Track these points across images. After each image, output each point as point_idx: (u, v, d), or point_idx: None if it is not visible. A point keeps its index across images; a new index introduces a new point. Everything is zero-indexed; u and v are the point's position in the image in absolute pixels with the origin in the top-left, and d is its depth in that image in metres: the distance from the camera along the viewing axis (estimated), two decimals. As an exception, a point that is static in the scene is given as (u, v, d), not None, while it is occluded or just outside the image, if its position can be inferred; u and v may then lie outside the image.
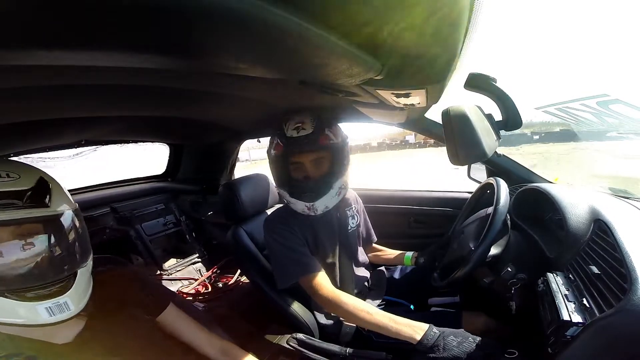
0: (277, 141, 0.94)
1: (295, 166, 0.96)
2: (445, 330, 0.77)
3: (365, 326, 0.84)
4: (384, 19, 0.36)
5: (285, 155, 0.94)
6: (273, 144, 0.96)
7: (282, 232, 0.96)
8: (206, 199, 2.12)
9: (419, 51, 0.46)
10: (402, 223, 1.58)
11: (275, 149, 0.94)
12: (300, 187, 0.95)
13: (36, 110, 0.80)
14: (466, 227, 0.96)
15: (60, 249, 0.54)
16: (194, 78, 0.67)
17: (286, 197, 0.98)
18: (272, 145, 0.96)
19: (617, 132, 1.65)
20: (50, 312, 0.51)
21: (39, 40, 0.27)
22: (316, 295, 0.91)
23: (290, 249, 0.95)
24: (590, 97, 1.39)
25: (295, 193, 0.95)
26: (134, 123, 1.31)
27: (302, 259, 0.94)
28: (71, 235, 0.56)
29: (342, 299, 0.87)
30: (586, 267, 0.65)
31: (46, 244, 0.52)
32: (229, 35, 0.32)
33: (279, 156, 0.95)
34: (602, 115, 1.36)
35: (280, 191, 1.00)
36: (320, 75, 0.58)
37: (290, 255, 0.94)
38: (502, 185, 0.85)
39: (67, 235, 0.56)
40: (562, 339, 0.58)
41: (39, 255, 0.51)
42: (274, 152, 0.95)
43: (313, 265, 0.93)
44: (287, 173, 0.97)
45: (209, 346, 0.75)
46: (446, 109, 0.74)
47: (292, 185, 0.96)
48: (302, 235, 0.99)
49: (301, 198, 0.95)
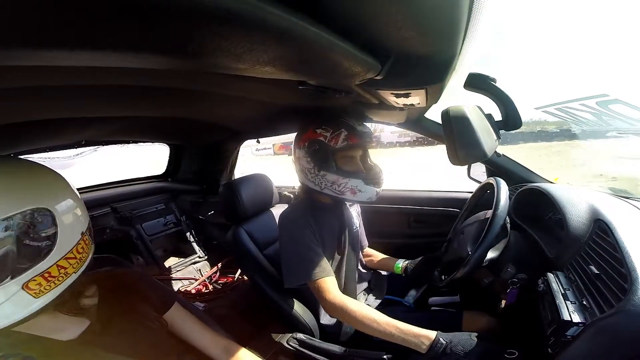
0: (349, 133, 0.97)
1: (358, 158, 1.02)
2: (452, 340, 0.75)
3: (372, 334, 0.84)
4: (384, 19, 0.36)
5: (358, 146, 1.00)
6: (341, 137, 0.97)
7: (300, 230, 0.97)
8: (206, 199, 2.12)
9: (419, 51, 0.46)
10: (402, 223, 1.58)
11: (349, 140, 0.97)
12: (372, 175, 1.03)
13: (36, 110, 0.80)
14: (465, 228, 0.96)
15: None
16: (194, 78, 0.67)
17: (357, 186, 0.99)
18: (340, 138, 0.98)
19: (617, 132, 1.65)
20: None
21: (39, 40, 0.28)
22: (323, 300, 0.91)
23: (306, 248, 0.95)
24: (590, 97, 1.39)
25: (369, 180, 1.00)
26: (134, 123, 1.31)
27: (316, 260, 0.94)
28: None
29: (348, 306, 0.86)
30: (586, 267, 0.65)
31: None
32: (229, 36, 0.32)
33: (352, 147, 0.99)
34: (602, 115, 1.36)
35: (347, 181, 0.99)
36: (320, 75, 0.58)
37: (304, 255, 0.94)
38: (502, 186, 0.86)
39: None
40: (563, 339, 0.58)
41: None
42: (346, 142, 0.97)
43: (325, 269, 0.93)
44: (352, 165, 1.01)
45: (213, 345, 0.74)
46: (446, 109, 0.74)
47: (368, 174, 1.02)
48: (319, 233, 1.00)
49: (374, 184, 1.01)
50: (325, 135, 0.97)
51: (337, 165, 0.99)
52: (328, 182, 0.99)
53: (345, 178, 0.98)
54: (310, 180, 1.02)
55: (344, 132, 0.97)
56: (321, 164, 0.99)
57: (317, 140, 0.98)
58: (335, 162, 0.99)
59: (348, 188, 0.99)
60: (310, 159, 1.00)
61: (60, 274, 0.51)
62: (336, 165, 0.99)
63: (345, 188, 0.99)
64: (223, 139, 1.84)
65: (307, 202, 1.07)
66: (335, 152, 0.98)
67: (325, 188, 1.00)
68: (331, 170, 0.98)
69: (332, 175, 0.98)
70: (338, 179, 0.98)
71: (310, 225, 0.98)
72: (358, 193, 0.99)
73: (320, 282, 0.91)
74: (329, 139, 0.97)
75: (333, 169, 0.98)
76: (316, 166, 0.99)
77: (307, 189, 1.06)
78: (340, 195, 1.00)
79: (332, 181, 0.99)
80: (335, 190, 0.99)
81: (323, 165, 0.99)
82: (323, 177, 0.99)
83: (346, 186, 0.99)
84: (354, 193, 0.99)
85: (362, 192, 1.00)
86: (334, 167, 0.99)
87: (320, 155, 0.99)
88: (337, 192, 1.00)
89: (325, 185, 1.00)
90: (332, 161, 0.99)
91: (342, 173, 0.99)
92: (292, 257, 0.97)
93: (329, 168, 0.98)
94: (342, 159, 0.99)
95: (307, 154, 1.00)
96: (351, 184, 0.98)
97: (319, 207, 1.05)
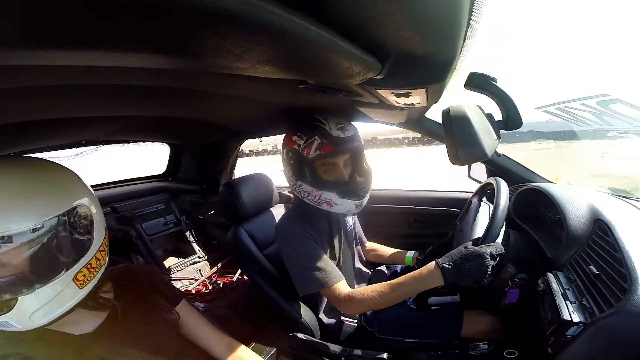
0: (323, 141, 0.90)
1: (340, 166, 0.95)
2: (452, 259, 0.74)
3: (388, 305, 0.83)
4: (384, 19, 0.36)
5: (333, 155, 0.93)
6: (314, 145, 0.91)
7: (302, 241, 0.94)
8: (206, 198, 2.12)
9: (420, 51, 0.46)
10: (402, 223, 1.58)
11: (321, 149, 0.91)
12: (351, 186, 0.95)
13: (36, 110, 0.80)
14: (465, 229, 0.96)
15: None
16: (194, 78, 0.67)
17: (331, 199, 0.94)
18: (313, 146, 0.91)
19: (617, 131, 1.65)
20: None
21: (39, 40, 0.27)
22: (338, 304, 0.90)
23: (312, 258, 0.92)
24: (591, 96, 1.40)
25: (346, 193, 0.94)
26: (134, 123, 1.31)
27: (325, 268, 0.90)
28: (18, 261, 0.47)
29: (357, 298, 0.85)
30: (586, 267, 0.65)
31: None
32: (229, 36, 0.32)
33: (326, 156, 0.92)
34: (602, 114, 1.36)
35: (321, 193, 0.94)
36: (321, 75, 0.58)
37: (312, 266, 0.91)
38: (502, 186, 0.85)
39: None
40: (562, 339, 0.58)
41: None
42: (319, 152, 0.91)
43: (335, 274, 0.91)
44: (333, 173, 0.95)
45: (217, 342, 0.76)
46: (446, 109, 0.74)
47: (342, 185, 0.95)
48: (319, 238, 0.98)
49: (351, 197, 0.95)
50: (299, 144, 0.93)
51: (314, 175, 0.94)
52: (305, 193, 0.97)
53: (319, 190, 0.94)
54: (292, 188, 1.00)
55: (317, 140, 0.91)
56: (297, 173, 0.95)
57: (292, 148, 0.95)
58: (311, 171, 0.94)
59: (323, 200, 0.95)
60: (289, 168, 0.97)
61: (97, 265, 0.56)
62: (311, 175, 0.94)
63: (320, 200, 0.95)
64: (223, 139, 1.84)
65: (299, 208, 1.05)
66: (309, 162, 0.93)
67: (305, 198, 0.98)
68: (306, 181, 0.95)
69: (307, 186, 0.95)
70: (312, 191, 0.94)
71: (310, 234, 0.95)
72: (334, 206, 0.95)
73: (332, 289, 0.89)
74: (302, 148, 0.92)
75: (307, 179, 0.94)
76: (293, 175, 0.97)
77: (295, 195, 1.04)
78: (318, 206, 0.97)
79: (307, 192, 0.95)
80: (313, 201, 0.96)
81: (299, 175, 0.95)
82: (300, 187, 0.97)
83: (321, 198, 0.95)
84: (330, 205, 0.95)
85: (337, 205, 0.95)
86: (309, 177, 0.94)
87: (295, 165, 0.95)
88: (315, 202, 0.97)
89: (304, 195, 0.97)
90: (307, 171, 0.94)
91: (317, 184, 0.94)
92: (301, 270, 0.94)
93: (304, 179, 0.95)
94: (321, 167, 0.94)
95: (286, 162, 0.98)
96: (325, 197, 0.94)
97: (311, 212, 1.02)
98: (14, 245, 0.46)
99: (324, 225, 1.04)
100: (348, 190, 0.95)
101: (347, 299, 0.86)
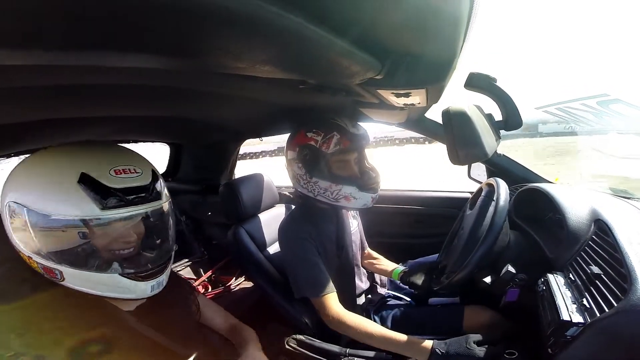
0: (341, 137, 0.93)
1: (352, 162, 0.98)
2: (449, 349, 0.75)
3: (370, 345, 0.86)
4: (384, 19, 0.36)
5: (350, 150, 0.96)
6: (334, 140, 0.93)
7: (300, 244, 0.95)
8: (206, 198, 2.12)
9: (420, 51, 0.46)
10: (403, 223, 1.58)
11: (341, 144, 0.93)
12: (367, 180, 0.99)
13: (36, 110, 0.80)
14: (464, 229, 0.96)
15: (168, 235, 0.67)
16: (194, 78, 0.67)
17: (350, 193, 0.96)
18: (333, 142, 0.93)
19: (617, 131, 1.66)
20: (152, 289, 0.63)
21: (39, 40, 0.27)
22: (324, 315, 0.91)
23: (308, 263, 0.93)
24: (591, 96, 1.39)
25: (363, 186, 0.97)
26: (134, 123, 1.31)
27: (318, 277, 0.92)
28: (171, 221, 0.68)
29: (345, 322, 0.87)
30: (586, 267, 0.65)
31: (164, 231, 0.67)
32: (228, 35, 0.32)
33: (345, 152, 0.95)
34: (603, 114, 1.36)
35: (340, 188, 0.96)
36: (320, 75, 0.58)
37: (306, 272, 0.93)
38: (502, 186, 0.85)
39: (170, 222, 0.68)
40: (562, 339, 0.58)
41: (153, 240, 0.64)
42: (338, 147, 0.93)
43: (326, 286, 0.92)
44: (348, 169, 0.98)
45: (226, 325, 0.84)
46: (446, 109, 0.74)
47: (362, 179, 0.98)
48: (319, 240, 0.98)
49: (369, 190, 0.98)
50: (317, 140, 0.94)
51: (331, 171, 0.96)
52: (321, 189, 0.97)
53: (339, 185, 0.95)
54: (303, 186, 1.00)
55: (336, 136, 0.93)
56: (313, 170, 0.96)
57: (308, 145, 0.95)
58: (329, 167, 0.96)
59: (342, 195, 0.96)
60: (302, 165, 0.97)
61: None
62: (329, 171, 0.96)
63: (339, 195, 0.96)
64: (223, 139, 1.84)
65: (304, 209, 1.05)
66: (327, 157, 0.94)
67: (319, 195, 0.98)
68: (323, 177, 0.95)
69: (324, 182, 0.95)
70: (331, 186, 0.95)
71: (310, 236, 0.96)
72: (352, 200, 0.97)
73: (322, 299, 0.90)
74: (320, 144, 0.94)
75: (325, 175, 0.95)
76: (308, 172, 0.96)
77: (301, 195, 1.03)
78: (335, 202, 0.97)
79: (324, 188, 0.96)
80: (329, 197, 0.97)
81: (315, 171, 0.96)
82: (315, 184, 0.97)
83: (339, 193, 0.96)
84: (348, 200, 0.96)
85: (356, 199, 0.97)
86: (327, 173, 0.95)
87: (311, 161, 0.95)
88: (331, 199, 0.97)
89: (319, 192, 0.97)
90: (325, 167, 0.95)
91: (335, 179, 0.95)
92: (296, 272, 0.96)
93: (321, 174, 0.95)
94: (335, 164, 0.96)
95: (299, 160, 0.97)
96: (345, 191, 0.95)
97: (316, 213, 1.02)
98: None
99: (329, 227, 1.04)
100: (365, 183, 0.98)
101: (336, 317, 0.88)
